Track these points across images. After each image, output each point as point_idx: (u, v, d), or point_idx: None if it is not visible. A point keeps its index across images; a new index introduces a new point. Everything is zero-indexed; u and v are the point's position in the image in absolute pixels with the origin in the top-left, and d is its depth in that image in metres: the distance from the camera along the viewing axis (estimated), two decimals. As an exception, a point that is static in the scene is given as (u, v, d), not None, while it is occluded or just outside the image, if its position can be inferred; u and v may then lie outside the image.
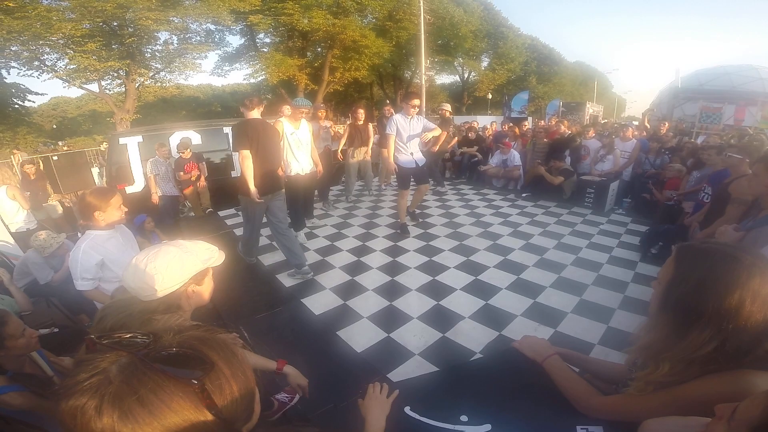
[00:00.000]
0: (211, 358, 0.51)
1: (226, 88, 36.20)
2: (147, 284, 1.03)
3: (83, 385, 0.45)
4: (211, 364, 0.50)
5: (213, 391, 0.49)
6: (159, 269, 1.05)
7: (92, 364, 0.47)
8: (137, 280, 1.04)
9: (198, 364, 0.49)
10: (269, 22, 20.08)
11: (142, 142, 6.00)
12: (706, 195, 3.68)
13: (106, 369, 0.46)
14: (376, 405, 1.11)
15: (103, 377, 0.45)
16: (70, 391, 0.45)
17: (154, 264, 1.05)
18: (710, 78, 15.22)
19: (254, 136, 3.24)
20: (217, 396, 0.49)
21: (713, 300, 0.82)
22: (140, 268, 1.05)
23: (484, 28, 27.78)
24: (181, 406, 0.46)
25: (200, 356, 0.50)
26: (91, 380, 0.45)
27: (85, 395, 0.44)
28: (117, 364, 0.47)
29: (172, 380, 0.46)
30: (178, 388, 0.46)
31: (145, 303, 1.06)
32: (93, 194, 2.03)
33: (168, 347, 0.50)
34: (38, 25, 13.61)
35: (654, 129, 7.85)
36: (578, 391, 1.08)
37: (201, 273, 1.15)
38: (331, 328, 2.78)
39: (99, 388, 0.44)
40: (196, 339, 0.53)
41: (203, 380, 0.48)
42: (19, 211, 4.30)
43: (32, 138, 20.53)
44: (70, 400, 0.44)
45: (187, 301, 1.14)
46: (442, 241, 4.37)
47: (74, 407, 0.44)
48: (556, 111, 17.46)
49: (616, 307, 2.97)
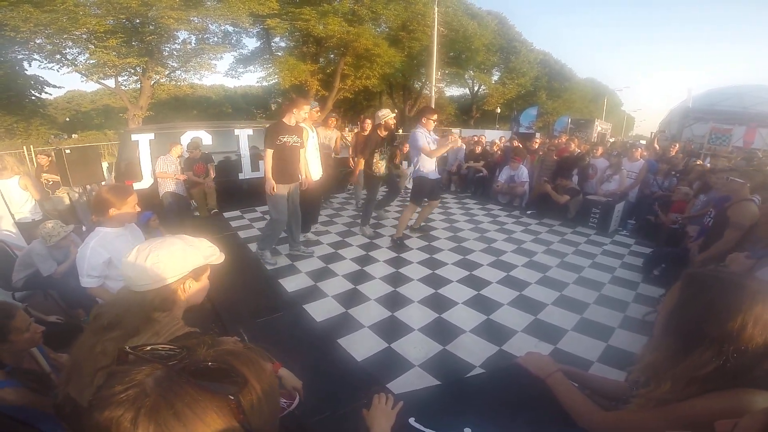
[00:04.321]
0: (245, 374, 0.51)
1: (238, 90, 36.69)
2: (146, 272, 1.03)
3: (119, 397, 0.45)
4: (245, 380, 0.50)
5: (245, 406, 0.49)
6: (162, 258, 1.05)
7: (128, 376, 0.47)
8: (137, 268, 1.04)
9: (229, 378, 0.50)
10: (286, 26, 20.37)
11: (154, 140, 6.09)
12: (711, 219, 3.68)
13: (142, 382, 0.46)
14: (382, 415, 1.12)
15: (140, 390, 0.45)
16: (106, 402, 0.45)
17: (158, 253, 1.06)
18: (722, 98, 15.20)
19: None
20: (249, 411, 0.50)
21: (716, 324, 0.85)
22: (142, 256, 1.05)
23: (497, 42, 27.95)
24: (214, 421, 0.46)
25: (233, 371, 0.50)
26: (128, 392, 0.45)
27: (121, 407, 0.44)
28: (153, 377, 0.47)
29: (207, 395, 0.47)
30: (213, 402, 0.47)
31: (140, 296, 1.05)
32: (111, 191, 2.05)
33: (203, 361, 0.51)
34: (64, 20, 13.89)
35: (664, 150, 7.83)
36: (581, 407, 1.10)
37: (200, 269, 1.15)
38: (332, 335, 2.80)
39: (136, 400, 0.44)
40: (229, 353, 0.54)
41: (238, 396, 0.48)
42: (27, 201, 4.32)
43: (44, 130, 20.85)
44: (106, 411, 0.44)
45: (183, 297, 1.12)
46: (445, 255, 4.38)
47: (110, 418, 0.44)
48: (565, 127, 17.48)
49: (616, 326, 2.97)
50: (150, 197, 5.58)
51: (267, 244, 4.05)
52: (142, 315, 1.03)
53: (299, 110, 3.67)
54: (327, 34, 20.45)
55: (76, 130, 29.49)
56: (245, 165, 6.94)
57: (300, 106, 3.69)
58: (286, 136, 3.68)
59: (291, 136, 3.72)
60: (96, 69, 16.57)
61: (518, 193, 6.83)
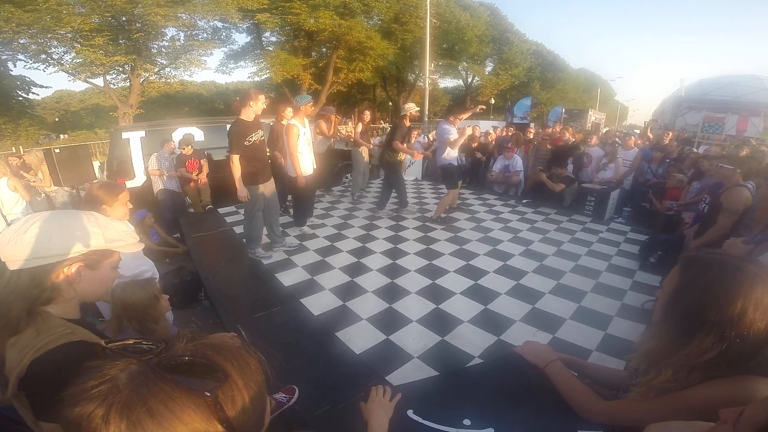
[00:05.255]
0: (225, 368, 0.48)
1: (229, 85, 36.32)
2: (22, 245, 0.83)
3: (91, 393, 0.42)
4: (225, 375, 0.48)
5: (225, 402, 0.46)
6: (45, 230, 0.85)
7: (101, 371, 0.45)
8: (13, 237, 0.83)
9: (210, 373, 0.47)
10: (276, 21, 20.15)
11: (145, 137, 6.01)
12: (706, 206, 3.70)
13: (115, 377, 0.44)
14: (379, 408, 1.10)
15: (112, 385, 0.43)
16: (77, 398, 0.43)
17: (43, 224, 0.86)
18: (714, 88, 15.26)
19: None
20: (229, 408, 0.47)
21: (716, 308, 0.84)
22: (25, 226, 0.85)
23: (490, 33, 27.89)
24: (191, 419, 0.44)
25: (214, 366, 0.48)
26: (100, 388, 0.43)
27: (92, 403, 0.42)
28: (127, 371, 0.45)
29: (184, 391, 0.44)
30: (190, 399, 0.44)
31: (15, 278, 0.84)
32: (102, 188, 2.01)
33: (181, 356, 0.48)
34: (48, 19, 13.66)
35: (657, 138, 7.87)
36: (580, 396, 1.09)
37: (99, 254, 0.93)
38: (330, 329, 2.78)
39: (107, 396, 0.42)
40: (210, 347, 0.51)
41: (217, 392, 0.45)
42: (18, 202, 4.30)
43: (34, 130, 20.59)
44: (77, 407, 0.42)
45: (69, 286, 0.90)
46: (442, 245, 4.37)
47: (80, 415, 0.41)
48: (559, 118, 17.50)
49: (613, 314, 2.98)
50: (144, 195, 5.53)
51: (254, 243, 3.99)
52: (22, 305, 0.85)
53: (255, 102, 3.44)
54: (318, 27, 20.29)
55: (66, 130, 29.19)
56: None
57: (255, 98, 3.45)
58: (252, 134, 3.49)
59: (256, 133, 3.54)
60: (83, 68, 16.32)
61: (513, 183, 6.85)
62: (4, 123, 18.29)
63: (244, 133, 3.45)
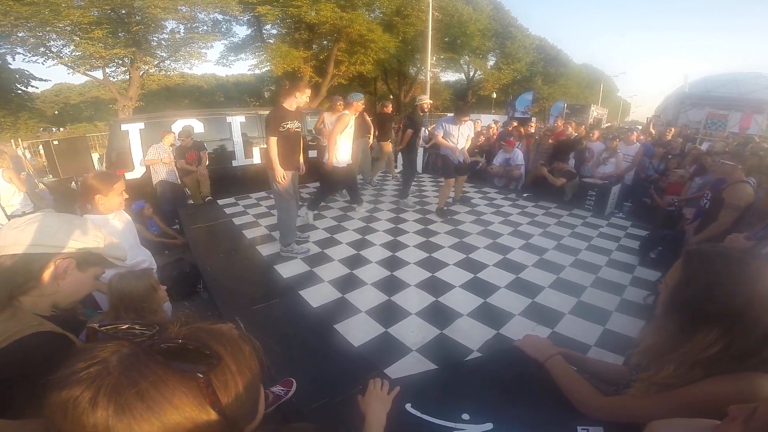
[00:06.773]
0: (218, 352, 0.47)
1: (230, 78, 36.08)
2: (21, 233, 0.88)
3: (80, 375, 0.41)
4: (218, 359, 0.47)
5: (218, 387, 0.46)
6: (45, 223, 0.90)
7: (91, 353, 0.43)
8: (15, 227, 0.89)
9: (203, 358, 0.46)
10: (277, 13, 19.95)
11: (144, 129, 5.99)
12: (708, 201, 3.67)
13: (105, 359, 0.43)
14: (377, 401, 1.09)
15: (102, 367, 0.42)
16: (64, 381, 0.41)
17: (46, 218, 0.92)
18: (718, 85, 15.11)
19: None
20: (222, 393, 0.46)
21: (720, 302, 0.82)
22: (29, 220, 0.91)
23: (493, 27, 27.61)
24: (183, 403, 0.42)
25: (207, 350, 0.47)
26: (89, 370, 0.41)
27: (80, 386, 0.40)
28: (118, 354, 0.44)
29: (175, 374, 0.43)
30: (182, 383, 0.43)
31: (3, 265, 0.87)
32: (96, 178, 2.01)
33: (173, 339, 0.47)
34: (46, 12, 13.54)
35: (659, 134, 7.82)
36: (580, 391, 1.08)
37: (91, 257, 0.98)
38: (329, 321, 2.77)
39: (96, 379, 0.41)
40: (204, 331, 0.50)
41: (209, 375, 0.45)
42: (15, 193, 4.31)
43: (33, 123, 20.54)
44: (63, 390, 0.40)
45: (54, 280, 0.92)
46: (441, 238, 4.36)
47: (66, 399, 0.40)
48: (560, 113, 17.41)
49: (613, 309, 2.97)
50: (143, 186, 5.52)
51: (289, 237, 3.87)
52: (4, 289, 0.87)
53: (302, 94, 3.49)
54: (319, 20, 20.06)
55: (65, 123, 29.09)
56: (238, 152, 6.87)
57: (302, 89, 3.51)
58: (289, 122, 3.49)
59: (293, 122, 3.53)
60: (82, 61, 16.21)
61: (514, 177, 6.82)
62: (3, 116, 18.26)
63: (282, 118, 3.47)
